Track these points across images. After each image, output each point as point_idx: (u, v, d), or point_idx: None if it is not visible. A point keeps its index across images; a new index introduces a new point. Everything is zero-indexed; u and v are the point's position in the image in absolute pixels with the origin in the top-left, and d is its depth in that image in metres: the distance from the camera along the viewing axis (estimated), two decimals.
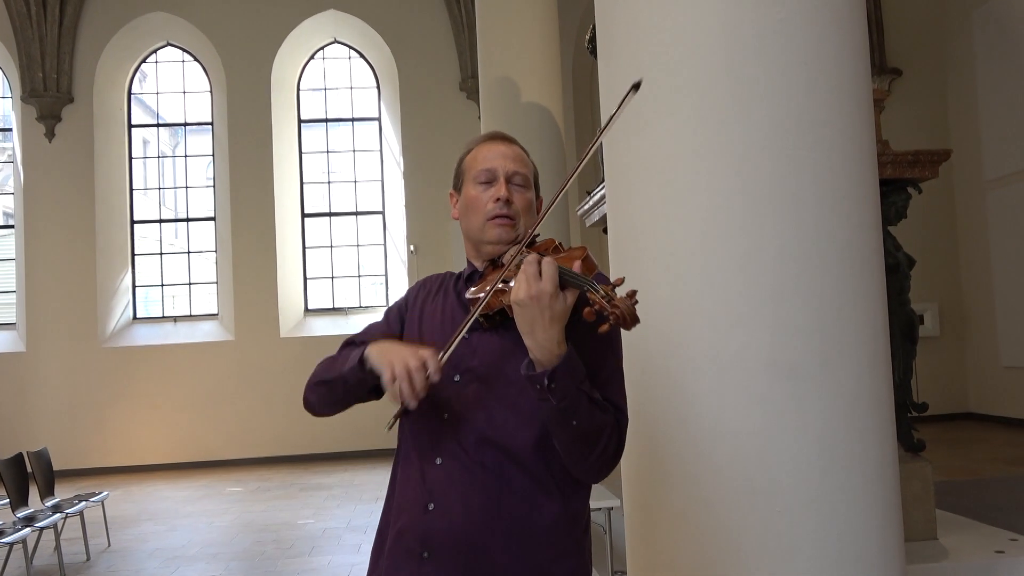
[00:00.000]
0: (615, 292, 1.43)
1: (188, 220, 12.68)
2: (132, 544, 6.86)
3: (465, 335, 1.62)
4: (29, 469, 6.29)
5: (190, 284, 12.43)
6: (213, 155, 12.47)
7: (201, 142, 12.83)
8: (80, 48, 11.77)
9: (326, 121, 12.83)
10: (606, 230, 3.34)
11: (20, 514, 5.79)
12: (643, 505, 2.52)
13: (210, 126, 12.53)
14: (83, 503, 6.38)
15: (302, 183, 12.57)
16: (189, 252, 12.54)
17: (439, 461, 1.62)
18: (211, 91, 12.49)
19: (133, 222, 12.39)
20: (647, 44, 2.41)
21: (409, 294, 1.85)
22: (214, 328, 12.03)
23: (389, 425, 1.59)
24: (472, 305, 1.64)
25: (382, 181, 12.73)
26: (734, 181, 2.30)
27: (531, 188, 1.76)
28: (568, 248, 1.64)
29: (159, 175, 13.04)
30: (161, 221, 12.81)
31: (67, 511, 6.07)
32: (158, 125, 13.42)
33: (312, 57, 12.72)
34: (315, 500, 8.48)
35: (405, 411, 1.56)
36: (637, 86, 1.61)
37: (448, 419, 1.64)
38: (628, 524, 2.65)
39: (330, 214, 12.69)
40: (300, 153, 12.61)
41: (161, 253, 12.57)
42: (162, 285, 12.43)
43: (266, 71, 12.04)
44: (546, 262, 1.47)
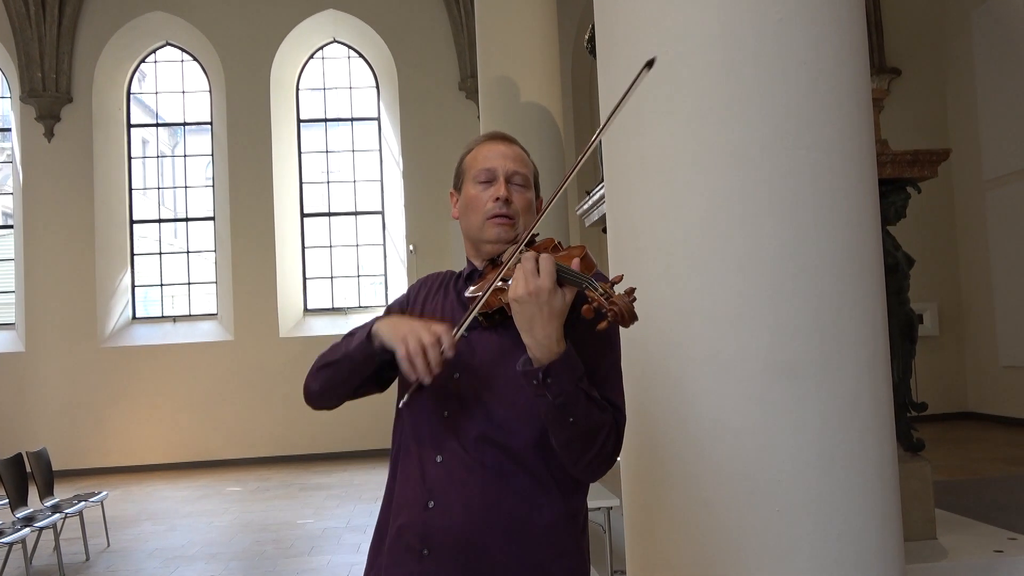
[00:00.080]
0: (614, 290, 1.43)
1: (187, 220, 12.68)
2: (131, 544, 6.85)
3: (464, 333, 1.62)
4: (28, 469, 6.29)
5: (189, 284, 12.43)
6: (212, 155, 12.46)
7: (200, 142, 12.83)
8: (79, 48, 11.77)
9: (325, 121, 12.83)
10: (605, 230, 3.34)
11: (19, 514, 5.79)
12: (642, 505, 2.52)
13: (209, 126, 12.53)
14: (82, 503, 6.38)
15: (301, 183, 12.57)
16: (188, 252, 12.54)
17: (439, 459, 1.62)
18: (210, 91, 12.48)
19: (132, 222, 12.39)
20: (646, 44, 2.41)
21: (410, 292, 1.86)
22: (213, 328, 12.03)
23: (402, 401, 1.60)
24: (471, 304, 1.64)
25: (381, 181, 12.73)
26: (733, 181, 2.30)
27: (531, 188, 1.76)
28: (567, 247, 1.64)
29: (158, 175, 13.04)
30: (160, 221, 12.80)
31: (66, 511, 6.07)
32: (157, 125, 13.42)
33: (311, 57, 12.72)
34: (315, 500, 8.48)
35: (419, 386, 1.57)
36: (651, 64, 1.58)
37: (448, 417, 1.64)
38: (627, 523, 2.65)
39: (329, 214, 12.69)
40: (299, 153, 12.61)
41: (160, 253, 12.57)
42: (161, 285, 12.43)
43: (265, 71, 12.04)
44: (544, 259, 1.47)
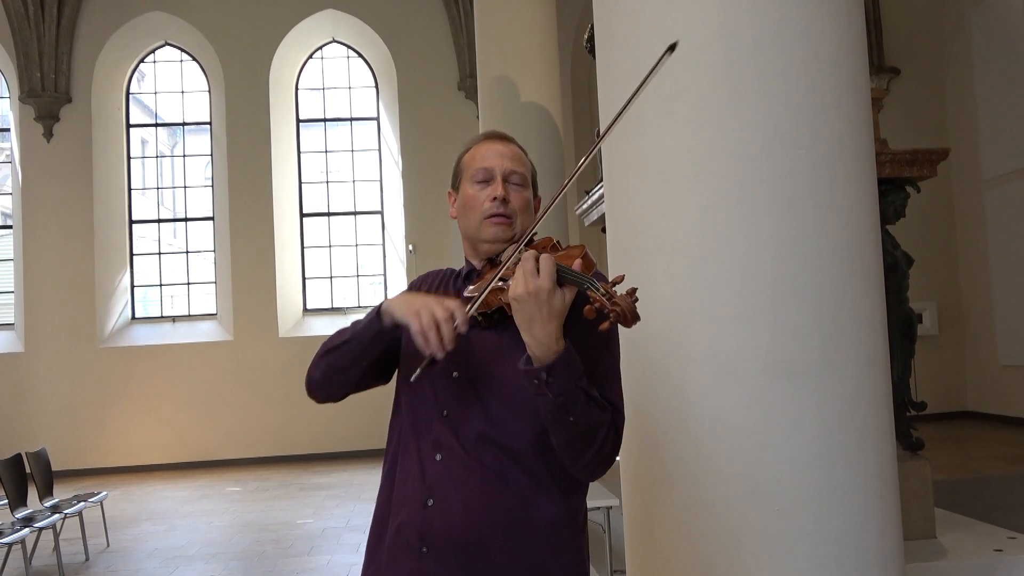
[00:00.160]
0: (615, 290, 1.43)
1: (186, 220, 12.67)
2: (131, 544, 6.85)
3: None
4: (28, 469, 6.29)
5: (188, 284, 12.43)
6: (211, 155, 12.46)
7: (199, 142, 12.82)
8: (78, 48, 11.76)
9: (324, 121, 12.82)
10: (605, 229, 3.34)
11: (19, 514, 5.78)
12: (642, 504, 2.53)
13: (208, 126, 12.52)
14: (82, 503, 6.38)
15: (300, 183, 12.56)
16: (188, 252, 12.54)
17: (439, 457, 1.63)
18: (209, 91, 12.47)
19: (131, 222, 12.38)
20: (645, 44, 2.41)
21: (411, 287, 1.86)
22: (213, 328, 12.03)
23: (414, 375, 1.60)
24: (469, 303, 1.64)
25: (380, 181, 12.73)
26: (733, 180, 2.30)
27: (528, 187, 1.76)
28: (566, 246, 1.64)
29: (157, 175, 13.04)
30: (160, 221, 12.80)
31: (66, 511, 6.07)
32: (156, 125, 13.43)
33: (310, 57, 12.71)
34: (314, 500, 8.48)
35: (432, 361, 1.57)
36: (673, 47, 1.56)
37: (447, 416, 1.64)
38: (627, 523, 2.65)
39: (328, 214, 12.68)
40: (299, 153, 12.60)
41: (160, 253, 12.56)
42: (160, 285, 12.42)
43: (264, 71, 12.03)
44: (544, 258, 1.47)
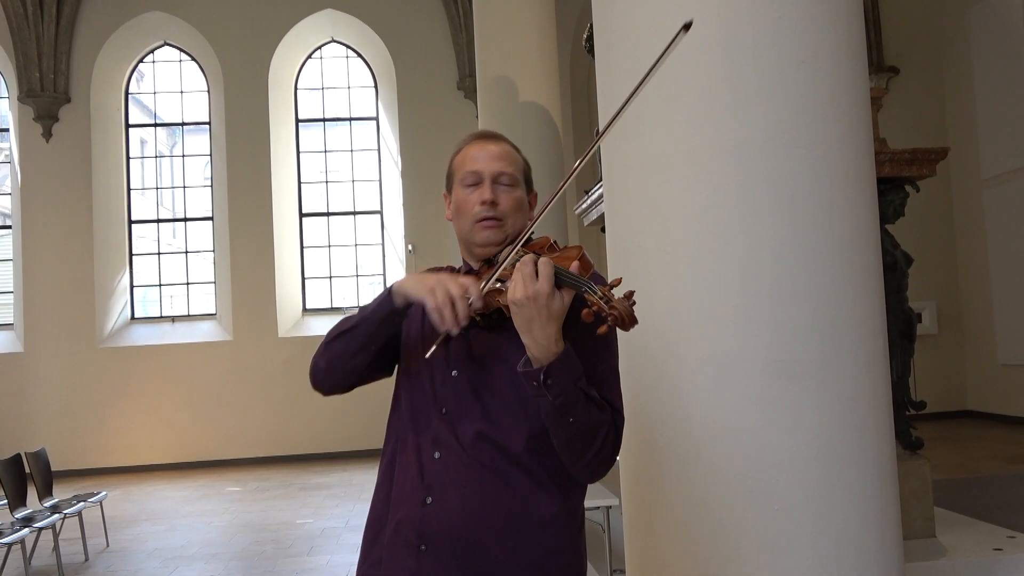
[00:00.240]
0: (612, 293, 1.43)
1: (186, 220, 12.67)
2: (131, 544, 6.85)
3: (463, 332, 1.63)
4: (27, 469, 6.29)
5: (188, 284, 12.42)
6: (211, 155, 12.45)
7: (198, 142, 12.82)
8: (77, 48, 11.75)
9: (324, 121, 12.82)
10: (604, 229, 3.34)
11: (18, 515, 5.78)
12: (642, 504, 2.52)
13: (207, 126, 12.52)
14: (81, 503, 6.37)
15: (300, 183, 12.56)
16: (187, 252, 12.53)
17: (437, 455, 1.63)
18: (208, 91, 12.47)
19: (131, 222, 12.37)
20: (644, 43, 2.41)
21: None
22: (212, 328, 12.03)
23: (429, 353, 1.61)
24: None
25: (380, 181, 12.72)
26: (732, 180, 2.30)
27: (519, 186, 1.74)
28: (564, 247, 1.64)
29: (156, 175, 13.03)
30: (159, 221, 12.79)
31: (65, 511, 6.07)
32: (155, 125, 13.42)
33: (310, 57, 12.71)
34: (314, 500, 8.48)
35: (447, 338, 1.59)
36: (687, 26, 1.54)
37: (446, 414, 1.65)
38: (627, 523, 2.65)
39: (328, 214, 12.68)
40: (298, 153, 12.60)
41: (159, 253, 12.55)
42: (160, 285, 12.42)
43: (263, 71, 12.03)
44: (542, 262, 1.47)
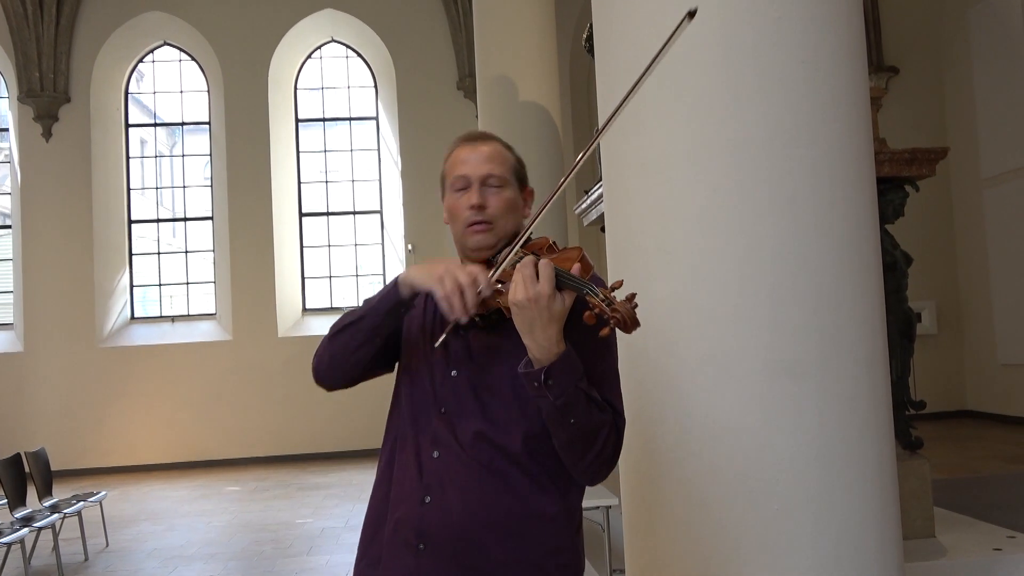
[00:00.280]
0: (614, 295, 1.43)
1: (185, 220, 12.66)
2: (130, 544, 6.85)
3: (461, 332, 1.64)
4: (27, 469, 6.29)
5: (188, 284, 12.42)
6: (210, 155, 12.45)
7: (198, 142, 12.81)
8: (77, 48, 11.75)
9: (323, 120, 12.81)
10: (604, 229, 3.34)
11: (18, 514, 5.78)
12: (641, 503, 2.52)
13: (207, 126, 12.52)
14: (81, 503, 6.37)
15: (300, 182, 12.56)
16: (187, 252, 12.53)
17: (436, 454, 1.64)
18: (208, 91, 12.47)
19: (130, 222, 12.37)
20: (644, 43, 2.41)
21: None
22: (212, 328, 12.02)
23: (439, 341, 1.61)
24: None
25: (380, 180, 12.72)
26: (732, 180, 2.30)
27: (509, 185, 1.71)
28: (563, 248, 1.64)
29: (156, 175, 13.03)
30: (159, 221, 12.79)
31: (65, 511, 6.06)
32: (155, 125, 13.41)
33: (309, 56, 12.71)
34: (313, 499, 8.48)
35: (456, 327, 1.58)
36: (692, 14, 1.52)
37: (445, 413, 1.65)
38: (626, 522, 2.65)
39: (328, 213, 12.68)
40: (297, 152, 12.60)
41: (159, 253, 12.55)
42: (160, 285, 12.42)
43: (263, 70, 12.03)
44: (543, 264, 1.47)
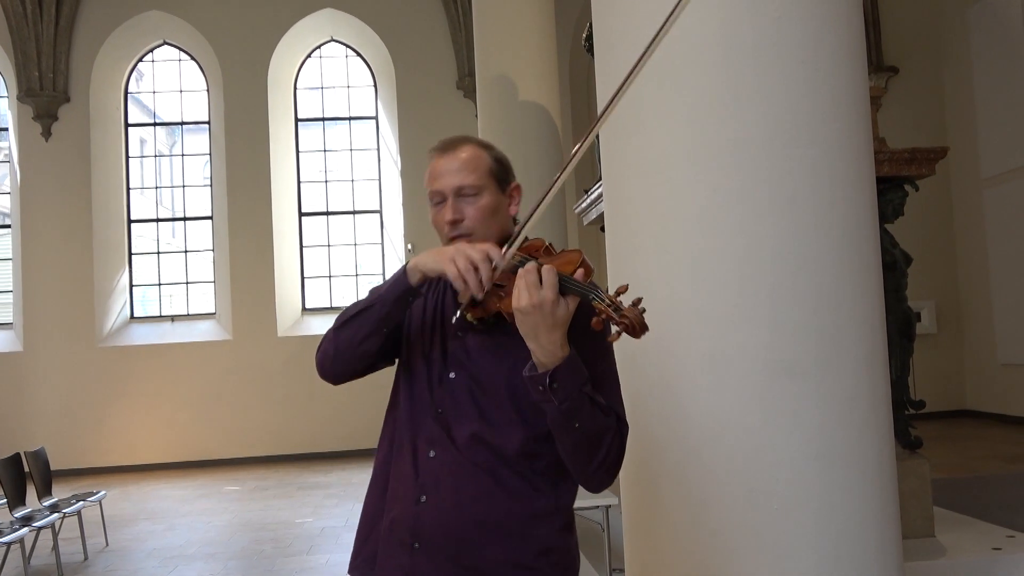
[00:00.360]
0: (620, 300, 1.43)
1: (185, 219, 12.66)
2: (130, 544, 6.85)
3: (459, 333, 1.65)
4: (27, 469, 6.28)
5: (187, 283, 12.42)
6: (210, 154, 12.44)
7: (198, 141, 12.81)
8: (76, 47, 11.74)
9: (323, 120, 12.81)
10: (604, 228, 3.34)
11: (18, 514, 5.78)
12: (641, 503, 2.53)
13: (207, 125, 12.51)
14: (81, 503, 6.37)
15: (299, 182, 12.55)
16: (186, 251, 12.52)
17: (432, 454, 1.66)
18: (208, 90, 12.46)
19: (130, 221, 12.36)
20: (644, 42, 2.40)
21: None
22: (211, 327, 12.02)
23: (455, 318, 1.63)
24: (459, 307, 1.64)
25: (379, 180, 12.72)
26: (731, 179, 2.30)
27: (486, 190, 1.69)
28: (562, 250, 1.63)
29: (156, 174, 13.02)
30: (158, 220, 12.78)
31: (65, 511, 6.06)
32: (155, 124, 13.40)
33: (309, 56, 12.70)
34: (313, 499, 8.48)
35: (472, 302, 1.58)
36: None
37: (441, 414, 1.67)
38: (626, 522, 2.65)
39: (327, 213, 12.67)
40: (297, 152, 12.59)
41: (158, 252, 12.55)
42: (159, 284, 12.41)
43: (263, 70, 12.02)
44: (546, 270, 1.48)
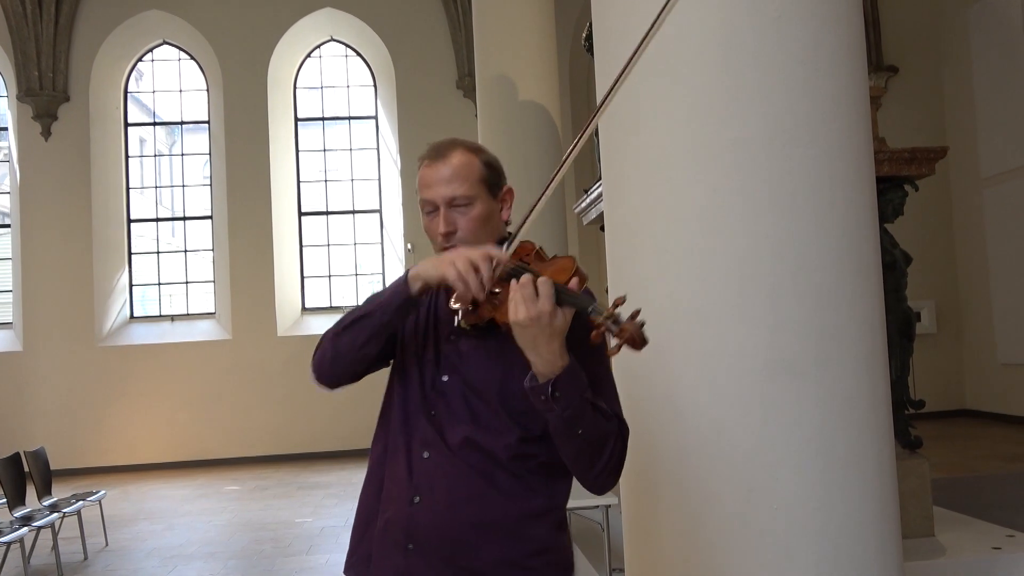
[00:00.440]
0: (618, 312, 1.42)
1: (185, 219, 12.65)
2: (130, 543, 6.85)
3: (452, 337, 1.68)
4: (26, 468, 6.28)
5: (187, 283, 12.41)
6: (210, 154, 12.44)
7: (197, 141, 12.80)
8: (76, 46, 11.74)
9: (323, 120, 12.81)
10: (603, 228, 3.34)
11: (17, 513, 5.78)
12: (641, 503, 2.53)
13: (207, 125, 12.51)
14: (80, 502, 6.37)
15: (299, 182, 12.55)
16: (186, 251, 12.52)
17: (426, 455, 1.67)
18: (207, 89, 12.46)
19: (130, 221, 12.36)
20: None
21: None
22: (211, 327, 12.02)
23: (457, 321, 1.63)
24: (455, 314, 1.65)
25: (379, 180, 12.72)
26: (731, 179, 2.30)
27: (477, 200, 1.69)
28: (554, 256, 1.63)
29: (155, 174, 13.02)
30: (158, 220, 12.78)
31: (64, 510, 6.06)
32: (154, 124, 13.40)
33: (309, 55, 12.70)
34: (313, 499, 8.48)
35: (474, 303, 1.58)
36: None
37: (435, 416, 1.68)
38: (626, 522, 2.65)
39: (327, 212, 12.67)
40: (297, 152, 12.59)
41: (158, 252, 12.54)
42: (159, 284, 12.41)
43: (263, 69, 12.02)
44: (542, 282, 1.48)
